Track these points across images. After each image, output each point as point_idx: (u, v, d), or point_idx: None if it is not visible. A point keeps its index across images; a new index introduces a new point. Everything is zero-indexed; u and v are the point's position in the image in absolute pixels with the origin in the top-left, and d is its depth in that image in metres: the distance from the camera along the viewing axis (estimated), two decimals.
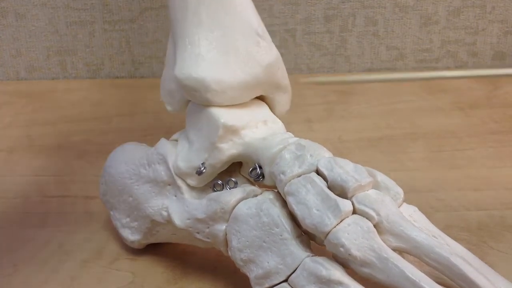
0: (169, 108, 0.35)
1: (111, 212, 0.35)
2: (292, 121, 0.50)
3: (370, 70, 0.61)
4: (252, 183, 0.32)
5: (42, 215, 0.39)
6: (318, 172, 0.29)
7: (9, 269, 0.34)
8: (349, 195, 0.28)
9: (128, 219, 0.34)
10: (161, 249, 0.35)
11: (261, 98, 0.34)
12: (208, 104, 0.31)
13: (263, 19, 0.60)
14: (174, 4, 0.33)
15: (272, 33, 0.59)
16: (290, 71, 0.60)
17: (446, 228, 0.36)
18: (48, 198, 0.41)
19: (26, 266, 0.34)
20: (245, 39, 0.32)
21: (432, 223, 0.30)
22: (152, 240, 0.34)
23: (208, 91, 0.31)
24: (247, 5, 0.32)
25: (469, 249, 0.28)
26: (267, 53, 0.32)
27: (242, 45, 0.31)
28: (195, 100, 0.32)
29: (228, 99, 0.31)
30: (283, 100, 0.34)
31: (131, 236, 0.34)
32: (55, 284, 0.33)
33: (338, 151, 0.45)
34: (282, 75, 0.33)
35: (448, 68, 0.61)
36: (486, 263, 0.28)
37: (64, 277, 0.33)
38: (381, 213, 0.27)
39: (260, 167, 0.30)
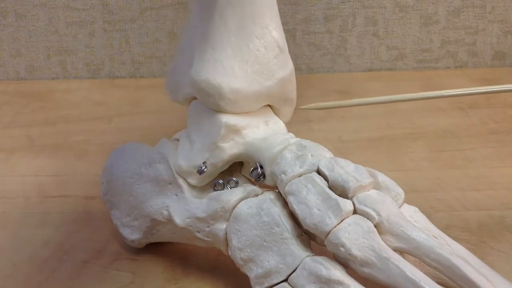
0: (171, 96, 0.34)
1: (112, 211, 0.35)
2: (292, 121, 0.50)
3: (370, 70, 0.61)
4: (253, 183, 0.32)
5: (42, 215, 0.39)
6: (319, 172, 0.29)
7: (9, 269, 0.34)
8: (350, 195, 0.28)
9: (128, 218, 0.34)
10: (161, 248, 0.35)
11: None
12: (218, 110, 0.31)
13: None
14: (201, 1, 0.32)
15: None
16: None
17: (446, 228, 0.36)
18: (48, 198, 0.41)
19: (26, 266, 0.34)
20: (266, 50, 0.31)
21: (433, 223, 0.30)
22: (152, 239, 0.34)
23: (222, 98, 0.30)
24: (272, 16, 0.32)
25: (469, 249, 0.29)
26: (283, 66, 0.32)
27: (262, 56, 0.31)
28: (205, 104, 0.31)
29: (238, 108, 0.31)
30: (287, 112, 0.34)
31: (131, 235, 0.34)
32: (55, 284, 0.33)
33: (338, 151, 0.45)
34: (292, 88, 0.33)
35: (448, 68, 0.61)
36: (486, 263, 0.28)
37: (64, 277, 0.33)
38: (381, 213, 0.27)
39: (261, 167, 0.31)
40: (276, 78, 0.32)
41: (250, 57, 0.31)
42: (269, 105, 0.33)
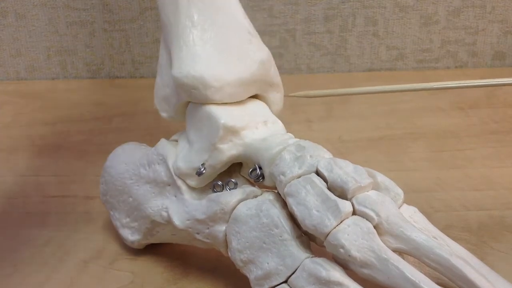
0: (164, 114, 0.35)
1: (111, 212, 0.35)
2: (292, 121, 0.50)
3: (370, 70, 0.61)
4: (252, 184, 0.32)
5: (42, 215, 0.39)
6: (318, 173, 0.29)
7: (9, 269, 0.34)
8: (349, 196, 0.28)
9: (128, 219, 0.34)
10: (161, 249, 0.35)
11: (256, 98, 0.34)
12: (207, 101, 0.31)
13: (263, 19, 0.60)
14: (165, 8, 0.33)
15: (272, 33, 0.59)
16: (290, 71, 0.61)
17: (446, 228, 0.36)
18: (48, 198, 0.41)
19: (26, 266, 0.34)
20: (238, 38, 0.32)
21: (432, 224, 0.30)
22: (152, 240, 0.34)
23: (207, 87, 0.31)
24: (235, 5, 0.33)
25: (469, 249, 0.28)
26: (259, 50, 0.33)
27: (236, 43, 0.32)
28: (194, 99, 0.32)
29: (226, 96, 0.31)
30: (277, 99, 0.35)
31: (131, 236, 0.34)
32: (55, 284, 0.33)
33: (338, 151, 0.45)
34: (274, 73, 0.34)
35: (448, 68, 0.61)
36: (486, 263, 0.28)
37: (64, 277, 0.33)
38: (381, 214, 0.27)
39: (260, 168, 0.30)
40: (255, 62, 0.32)
41: (224, 46, 0.32)
42: (259, 97, 0.34)
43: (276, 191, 0.30)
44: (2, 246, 0.36)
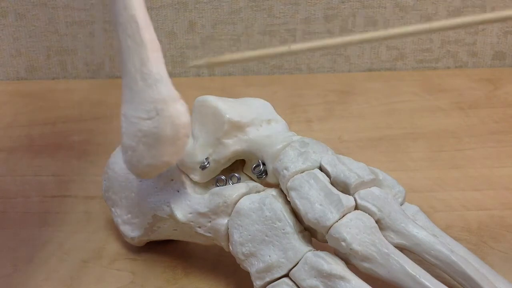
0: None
1: (112, 209, 0.35)
2: (292, 121, 0.50)
3: (370, 70, 0.61)
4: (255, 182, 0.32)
5: (42, 215, 0.39)
6: (321, 169, 0.29)
7: (9, 269, 0.34)
8: (352, 191, 0.28)
9: (129, 215, 0.34)
10: (162, 248, 0.35)
11: None
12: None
13: (263, 19, 0.60)
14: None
15: (272, 33, 0.59)
16: (290, 71, 0.61)
17: (446, 228, 0.36)
18: (48, 198, 0.41)
19: (26, 266, 0.34)
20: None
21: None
22: (153, 236, 0.34)
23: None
24: None
25: (469, 249, 0.29)
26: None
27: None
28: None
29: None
30: None
31: (132, 232, 0.34)
32: (55, 284, 0.33)
33: (338, 151, 0.44)
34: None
35: (448, 68, 0.61)
36: (486, 263, 0.28)
37: (64, 277, 0.33)
38: (383, 209, 0.27)
39: (264, 164, 0.31)
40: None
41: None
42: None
43: (278, 188, 0.30)
44: (2, 246, 0.36)
